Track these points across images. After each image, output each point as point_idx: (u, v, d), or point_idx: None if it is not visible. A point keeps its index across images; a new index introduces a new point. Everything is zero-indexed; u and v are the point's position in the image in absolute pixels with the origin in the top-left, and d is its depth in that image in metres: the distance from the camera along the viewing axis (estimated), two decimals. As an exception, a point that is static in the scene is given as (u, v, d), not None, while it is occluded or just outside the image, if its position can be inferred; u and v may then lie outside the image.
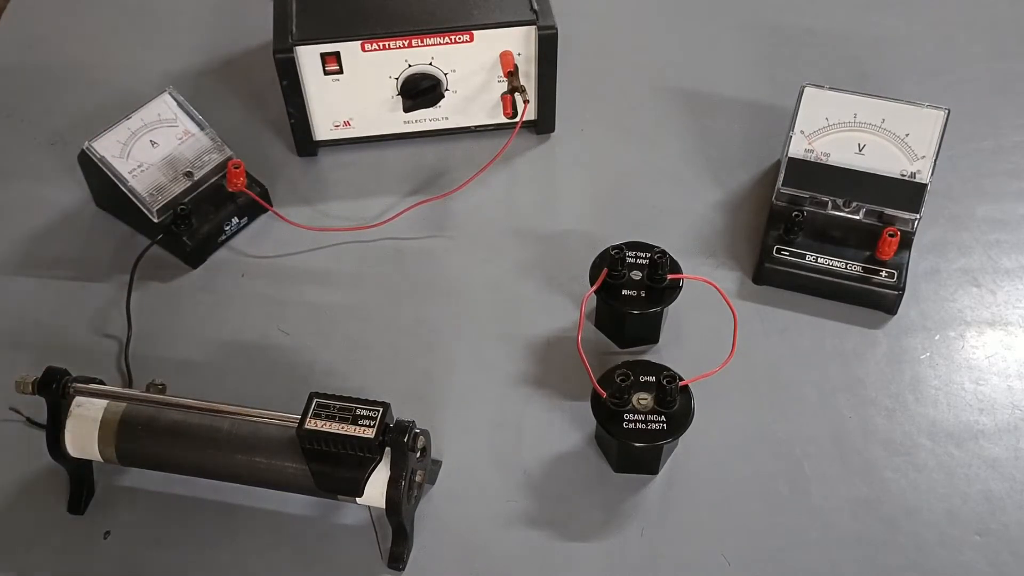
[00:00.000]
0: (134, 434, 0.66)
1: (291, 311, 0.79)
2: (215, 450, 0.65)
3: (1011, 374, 0.76)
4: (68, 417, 0.66)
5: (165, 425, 0.66)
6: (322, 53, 0.84)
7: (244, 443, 0.65)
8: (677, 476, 0.70)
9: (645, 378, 0.68)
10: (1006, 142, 0.94)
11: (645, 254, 0.75)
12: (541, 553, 0.67)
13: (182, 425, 0.66)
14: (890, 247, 0.79)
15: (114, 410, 0.66)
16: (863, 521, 0.68)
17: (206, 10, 1.08)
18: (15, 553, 0.67)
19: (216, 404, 0.65)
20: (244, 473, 0.65)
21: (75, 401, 0.66)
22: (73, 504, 0.69)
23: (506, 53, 0.86)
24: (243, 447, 0.65)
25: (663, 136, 0.95)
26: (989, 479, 0.70)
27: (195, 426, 0.66)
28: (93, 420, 0.66)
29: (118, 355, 0.76)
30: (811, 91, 0.83)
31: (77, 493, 0.68)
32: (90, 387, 0.66)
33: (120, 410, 0.66)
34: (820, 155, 0.82)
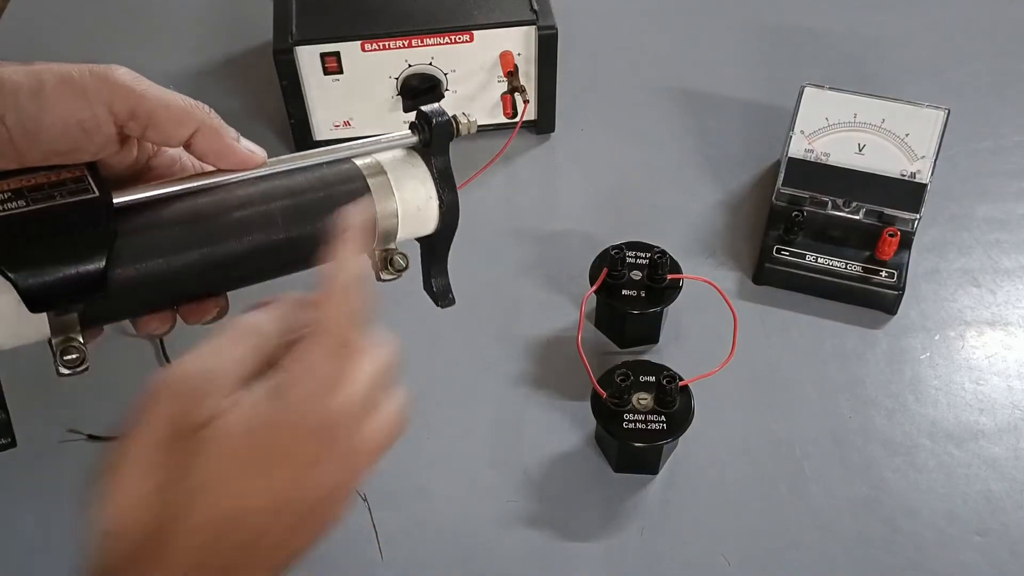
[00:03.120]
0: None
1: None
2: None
3: (1011, 374, 0.76)
4: None
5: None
6: (322, 53, 0.84)
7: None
8: (677, 476, 0.70)
9: (645, 378, 0.68)
10: (1006, 142, 0.94)
11: (645, 254, 0.75)
12: (541, 553, 0.67)
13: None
14: (890, 247, 0.79)
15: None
16: (863, 521, 0.68)
17: (206, 10, 1.09)
18: (16, 553, 0.67)
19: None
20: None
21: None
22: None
23: (506, 53, 0.86)
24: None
25: (663, 136, 0.95)
26: (989, 479, 0.70)
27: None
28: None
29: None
30: (811, 91, 0.83)
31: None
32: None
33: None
34: (820, 155, 0.82)
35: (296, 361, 0.40)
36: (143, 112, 0.43)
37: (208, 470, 0.38)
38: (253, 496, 0.39)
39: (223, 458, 0.38)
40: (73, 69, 0.42)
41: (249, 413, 0.39)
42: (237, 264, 0.47)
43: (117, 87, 0.42)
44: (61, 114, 0.42)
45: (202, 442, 0.38)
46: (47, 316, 0.43)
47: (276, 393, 0.40)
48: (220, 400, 0.39)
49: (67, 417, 0.73)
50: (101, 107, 0.42)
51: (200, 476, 0.38)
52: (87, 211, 0.42)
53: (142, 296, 0.45)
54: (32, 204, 0.41)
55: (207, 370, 0.39)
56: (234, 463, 0.39)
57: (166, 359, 0.76)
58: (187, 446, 0.38)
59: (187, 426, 0.38)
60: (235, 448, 0.38)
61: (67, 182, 0.43)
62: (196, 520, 0.38)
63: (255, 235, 0.46)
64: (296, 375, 0.40)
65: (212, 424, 0.38)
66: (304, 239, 0.47)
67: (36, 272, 0.40)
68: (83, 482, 0.71)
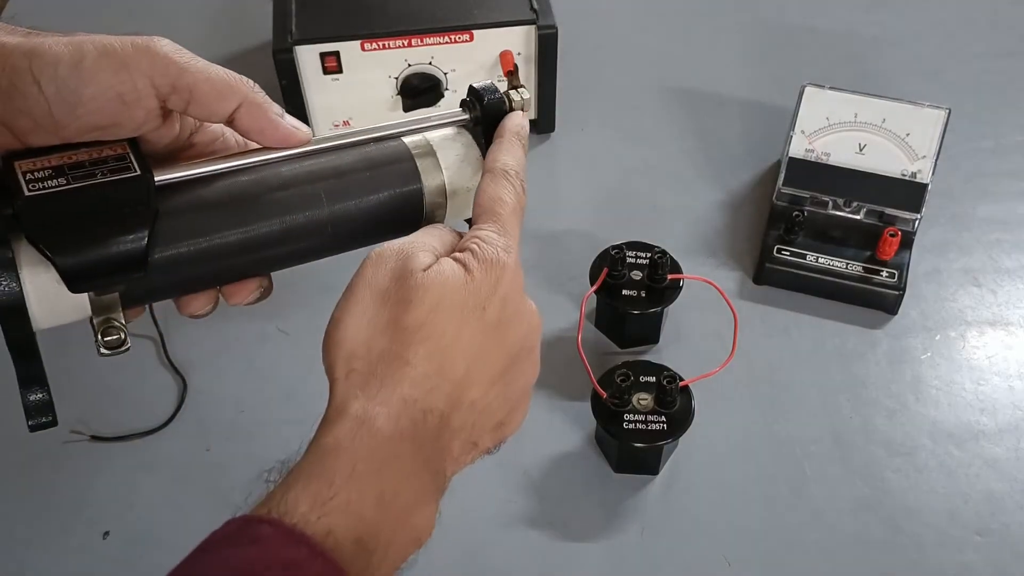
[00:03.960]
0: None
1: (291, 311, 0.79)
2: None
3: (1012, 374, 0.76)
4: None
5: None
6: (321, 53, 0.84)
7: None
8: (677, 476, 0.70)
9: (645, 378, 0.68)
10: (1007, 142, 0.94)
11: (645, 254, 0.75)
12: (541, 553, 0.66)
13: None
14: (891, 247, 0.78)
15: None
16: (863, 521, 0.68)
17: (206, 10, 1.08)
18: (15, 553, 0.67)
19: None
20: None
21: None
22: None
23: (506, 53, 0.86)
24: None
25: (663, 136, 0.95)
26: (990, 479, 0.70)
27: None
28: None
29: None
30: (811, 91, 0.83)
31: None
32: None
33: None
34: (821, 155, 0.82)
35: (477, 239, 0.45)
36: (185, 85, 0.43)
37: (426, 308, 0.42)
38: (467, 337, 0.43)
39: (441, 299, 0.42)
40: (115, 40, 0.42)
41: (454, 266, 0.43)
42: (280, 244, 0.46)
43: (159, 58, 0.42)
44: (102, 86, 0.41)
45: (420, 287, 0.42)
46: (88, 296, 0.42)
47: (470, 258, 0.44)
48: (427, 260, 0.43)
49: (69, 417, 0.72)
50: (142, 79, 0.42)
51: (419, 313, 0.42)
52: (129, 190, 0.41)
53: (183, 276, 0.44)
54: (72, 182, 0.40)
55: (410, 242, 0.44)
56: (451, 306, 0.42)
57: (167, 358, 0.76)
58: (406, 288, 0.42)
59: (405, 276, 0.42)
60: (449, 293, 0.42)
61: (108, 159, 0.42)
62: (420, 349, 0.42)
63: (298, 215, 0.46)
64: (483, 248, 0.44)
65: (428, 270, 0.43)
66: (349, 220, 0.47)
67: (76, 252, 0.40)
68: (84, 483, 0.71)
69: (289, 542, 0.37)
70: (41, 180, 0.40)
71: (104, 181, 0.41)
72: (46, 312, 0.41)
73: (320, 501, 0.38)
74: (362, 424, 0.40)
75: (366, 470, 0.39)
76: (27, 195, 0.39)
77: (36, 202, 0.39)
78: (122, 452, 0.72)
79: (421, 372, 0.42)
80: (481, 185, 0.47)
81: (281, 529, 0.37)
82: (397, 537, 0.40)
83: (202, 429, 0.73)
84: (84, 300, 0.42)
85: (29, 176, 0.40)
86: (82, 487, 0.70)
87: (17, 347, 0.42)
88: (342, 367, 0.43)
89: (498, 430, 0.46)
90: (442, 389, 0.42)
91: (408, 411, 0.41)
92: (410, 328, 0.42)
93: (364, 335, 0.42)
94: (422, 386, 0.42)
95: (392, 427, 0.40)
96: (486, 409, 0.44)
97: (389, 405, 0.41)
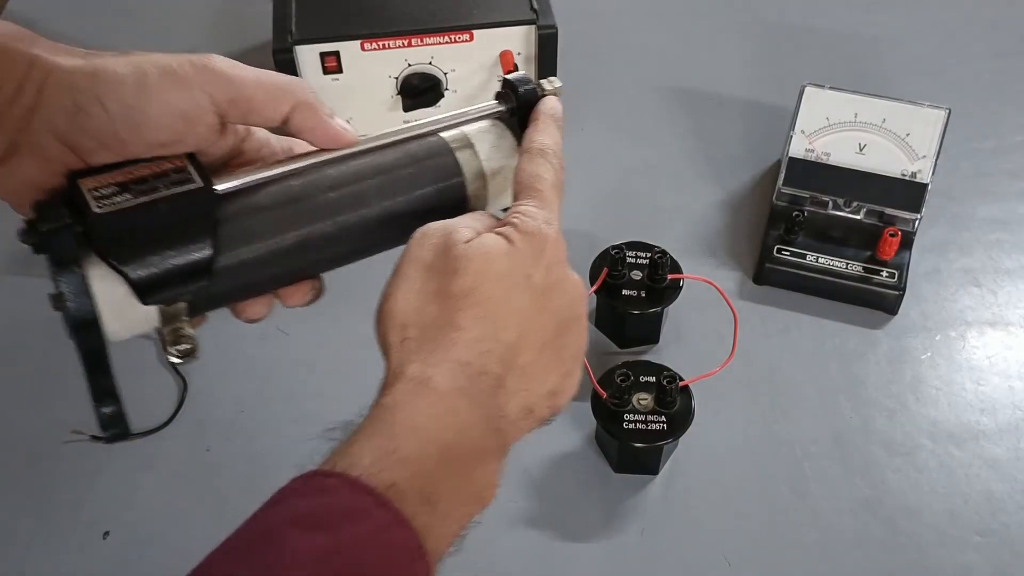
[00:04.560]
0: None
1: (291, 311, 0.79)
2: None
3: (1012, 374, 0.76)
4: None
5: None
6: (321, 52, 0.84)
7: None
8: (677, 476, 0.70)
9: (645, 378, 0.68)
10: (1007, 142, 0.94)
11: (645, 254, 0.75)
12: (541, 553, 0.66)
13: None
14: (891, 247, 0.78)
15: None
16: (863, 521, 0.68)
17: (206, 10, 1.08)
18: (15, 553, 0.67)
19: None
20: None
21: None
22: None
23: (506, 52, 0.86)
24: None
25: (663, 136, 0.95)
26: (990, 480, 0.70)
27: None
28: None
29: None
30: (811, 90, 0.83)
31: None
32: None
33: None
34: (821, 155, 0.82)
35: (518, 213, 0.46)
36: (242, 97, 0.44)
37: (471, 276, 0.43)
38: (515, 302, 0.44)
39: (486, 267, 0.44)
40: (173, 61, 0.43)
41: (497, 238, 0.45)
42: (333, 243, 0.48)
43: (217, 76, 0.44)
44: (165, 106, 0.43)
45: (464, 256, 0.44)
46: (157, 307, 0.43)
47: (512, 230, 0.45)
48: (469, 234, 0.45)
49: (70, 418, 0.72)
50: (203, 96, 0.43)
51: (466, 280, 0.43)
52: (191, 201, 0.43)
53: (245, 280, 0.46)
54: (137, 197, 0.42)
55: (452, 221, 0.46)
56: (496, 273, 0.44)
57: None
58: (450, 258, 0.44)
59: (449, 247, 0.44)
60: (493, 261, 0.44)
61: (169, 172, 0.43)
62: (470, 314, 0.43)
63: (349, 215, 0.48)
64: (524, 221, 0.45)
65: (471, 242, 0.44)
66: (396, 216, 0.49)
67: (146, 265, 0.42)
68: (84, 483, 0.71)
69: (354, 492, 0.38)
70: (107, 197, 0.41)
71: (168, 194, 0.42)
72: (118, 325, 0.43)
73: (382, 454, 0.39)
74: (420, 383, 0.42)
75: (426, 424, 0.41)
76: (96, 212, 0.41)
77: (105, 219, 0.41)
78: (122, 452, 0.72)
79: (473, 336, 0.43)
80: (519, 165, 0.49)
81: (346, 480, 0.38)
82: (460, 491, 0.41)
83: (202, 429, 0.73)
84: (154, 311, 0.44)
85: (95, 194, 0.42)
86: (82, 487, 0.70)
87: (90, 361, 0.43)
88: (396, 335, 0.44)
89: (552, 398, 0.47)
90: (495, 352, 0.43)
91: (464, 371, 0.42)
92: (458, 295, 0.43)
93: (414, 305, 0.44)
94: (475, 349, 0.43)
95: (449, 385, 0.42)
96: (538, 374, 0.45)
97: (444, 366, 0.42)
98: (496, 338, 0.43)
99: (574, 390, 0.48)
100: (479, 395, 0.43)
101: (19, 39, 0.43)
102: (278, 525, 0.37)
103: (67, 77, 0.42)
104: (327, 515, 0.37)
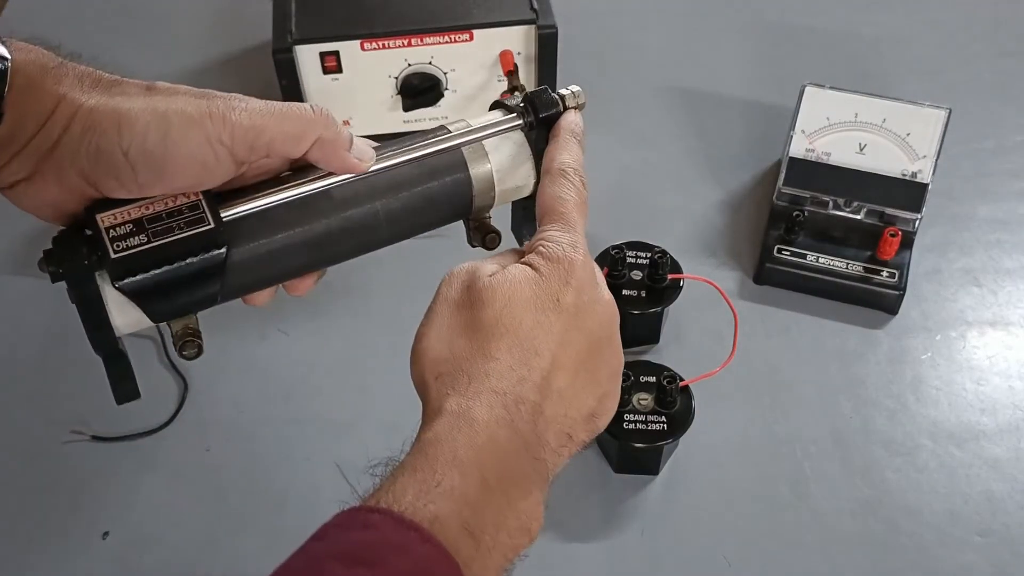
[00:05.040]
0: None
1: (290, 311, 0.79)
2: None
3: (1012, 374, 0.76)
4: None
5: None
6: (321, 52, 0.84)
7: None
8: (677, 476, 0.70)
9: (645, 378, 0.68)
10: (1007, 142, 0.94)
11: (645, 254, 0.75)
12: (541, 553, 0.66)
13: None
14: (891, 247, 0.78)
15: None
16: (864, 522, 0.68)
17: (206, 10, 1.08)
18: (15, 553, 0.67)
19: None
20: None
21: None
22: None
23: (506, 52, 0.86)
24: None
25: (663, 136, 0.94)
26: (990, 480, 0.70)
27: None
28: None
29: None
30: (812, 90, 0.83)
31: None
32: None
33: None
34: (821, 155, 0.82)
35: (543, 240, 0.47)
36: (262, 144, 0.45)
37: (498, 306, 0.44)
38: (545, 326, 0.44)
39: (512, 296, 0.44)
40: (193, 110, 0.44)
41: (522, 268, 0.46)
42: (340, 258, 0.51)
43: (236, 128, 0.44)
44: (187, 157, 0.44)
45: (488, 288, 0.45)
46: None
47: (537, 258, 0.46)
48: (494, 268, 0.46)
49: (70, 417, 0.72)
50: (223, 148, 0.44)
51: (492, 311, 0.44)
52: (203, 244, 0.45)
53: (251, 288, 0.50)
54: (153, 239, 0.44)
55: (479, 261, 0.47)
56: (523, 300, 0.44)
57: (168, 358, 0.76)
58: (475, 292, 0.45)
59: (474, 282, 0.45)
60: (519, 289, 0.45)
61: (183, 210, 0.45)
62: (501, 344, 0.44)
63: (361, 237, 0.50)
64: (548, 246, 0.46)
65: (495, 275, 0.45)
66: (407, 233, 0.52)
67: (159, 300, 0.45)
68: (84, 483, 0.71)
69: (399, 527, 0.38)
70: (123, 238, 0.44)
71: (182, 237, 0.45)
72: (127, 330, 0.47)
73: (425, 489, 0.40)
74: (459, 417, 0.42)
75: (467, 456, 0.41)
76: (113, 257, 0.44)
77: (122, 262, 0.44)
78: (122, 452, 0.72)
79: (506, 364, 0.43)
80: (541, 187, 0.50)
81: (390, 516, 0.39)
82: (505, 523, 0.42)
83: (202, 429, 0.73)
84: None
85: (112, 233, 0.44)
86: (82, 487, 0.70)
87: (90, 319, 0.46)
88: (431, 372, 0.45)
89: (590, 421, 0.47)
90: (530, 379, 0.44)
91: (501, 400, 0.43)
92: (487, 325, 0.44)
93: (445, 341, 0.45)
94: (509, 377, 0.43)
95: (487, 415, 0.42)
96: (575, 397, 0.45)
97: (481, 397, 0.43)
98: (529, 364, 0.44)
99: (613, 411, 0.48)
100: (518, 424, 0.43)
101: (45, 72, 0.44)
102: (322, 559, 0.37)
103: (90, 118, 0.43)
104: (370, 550, 0.38)
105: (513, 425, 0.43)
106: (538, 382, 0.44)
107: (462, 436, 0.41)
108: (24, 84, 0.42)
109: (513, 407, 0.43)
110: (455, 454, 0.41)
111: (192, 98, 0.45)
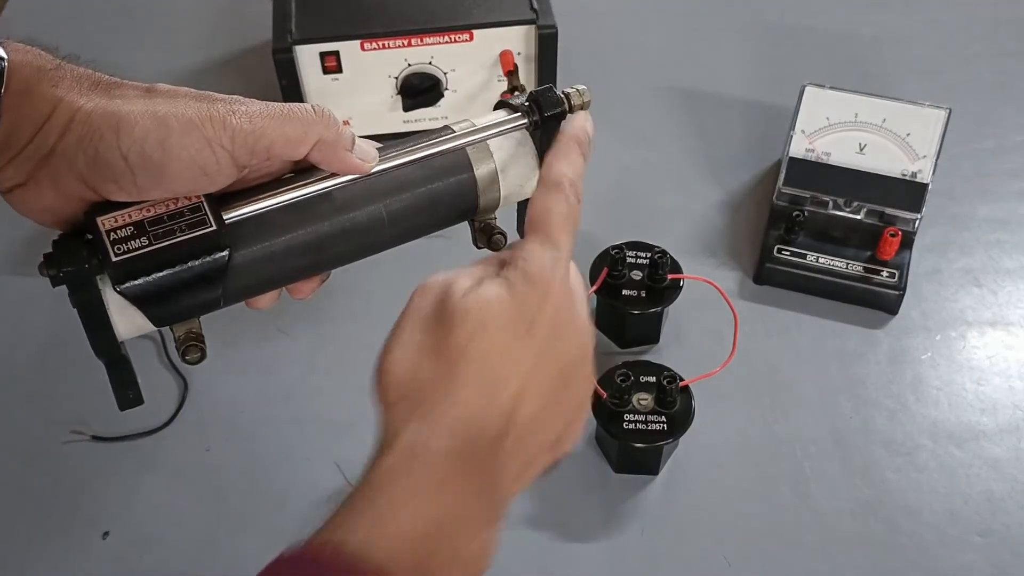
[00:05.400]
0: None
1: (290, 311, 0.79)
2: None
3: (1013, 374, 0.76)
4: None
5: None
6: (321, 52, 0.84)
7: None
8: (677, 476, 0.70)
9: (645, 378, 0.68)
10: (1008, 142, 0.94)
11: (645, 254, 0.75)
12: (541, 553, 0.66)
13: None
14: (891, 247, 0.78)
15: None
16: (864, 522, 0.68)
17: (206, 10, 1.08)
18: (15, 553, 0.67)
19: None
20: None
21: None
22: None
23: (506, 52, 0.86)
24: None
25: (663, 136, 0.94)
26: (991, 480, 0.70)
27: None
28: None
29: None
30: (812, 90, 0.83)
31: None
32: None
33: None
34: (821, 155, 0.82)
35: (523, 256, 0.45)
36: (262, 148, 0.45)
37: (468, 330, 0.42)
38: (515, 355, 0.42)
39: (483, 320, 0.42)
40: (194, 115, 0.43)
41: (497, 287, 0.43)
42: (343, 260, 0.51)
43: (236, 133, 0.44)
44: (186, 162, 0.43)
45: (460, 309, 0.42)
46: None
47: (515, 275, 0.44)
48: (468, 284, 0.44)
49: (70, 417, 0.72)
50: (223, 153, 0.44)
51: (462, 335, 0.42)
52: (205, 246, 0.45)
53: (254, 291, 0.49)
54: (154, 242, 0.44)
55: (455, 271, 0.45)
56: (495, 326, 0.42)
57: (168, 358, 0.76)
58: (445, 312, 0.43)
59: (446, 300, 0.43)
60: (492, 312, 0.43)
61: (185, 212, 0.45)
62: (468, 370, 0.42)
63: (364, 238, 0.50)
64: (528, 264, 0.44)
65: (468, 294, 0.43)
66: (411, 234, 0.52)
67: (161, 304, 0.45)
68: (84, 483, 0.71)
69: (346, 573, 0.37)
70: (124, 241, 0.44)
71: (183, 239, 0.44)
72: (128, 334, 0.47)
73: (375, 529, 0.39)
74: (415, 448, 0.41)
75: (420, 493, 0.40)
76: (114, 261, 0.43)
77: (123, 265, 0.44)
78: (122, 452, 0.72)
79: (472, 392, 0.42)
80: (533, 197, 0.48)
81: (338, 559, 0.38)
82: (455, 562, 0.40)
83: (202, 429, 0.73)
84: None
85: (113, 236, 0.44)
86: (82, 487, 0.70)
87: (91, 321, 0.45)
88: (392, 393, 0.43)
89: (555, 447, 0.46)
90: (494, 408, 0.42)
91: (461, 431, 0.41)
92: (454, 351, 0.42)
93: (411, 362, 0.43)
94: (473, 406, 0.41)
95: (447, 446, 0.41)
96: (541, 427, 0.44)
97: (440, 426, 0.41)
98: (496, 394, 0.42)
99: (577, 437, 0.47)
100: (477, 458, 0.41)
101: (42, 74, 0.43)
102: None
103: (88, 122, 0.43)
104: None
105: (471, 459, 0.41)
106: (504, 412, 0.42)
107: (416, 476, 0.40)
108: (20, 88, 0.42)
109: (473, 440, 0.41)
110: (407, 495, 0.40)
111: (192, 101, 0.44)
